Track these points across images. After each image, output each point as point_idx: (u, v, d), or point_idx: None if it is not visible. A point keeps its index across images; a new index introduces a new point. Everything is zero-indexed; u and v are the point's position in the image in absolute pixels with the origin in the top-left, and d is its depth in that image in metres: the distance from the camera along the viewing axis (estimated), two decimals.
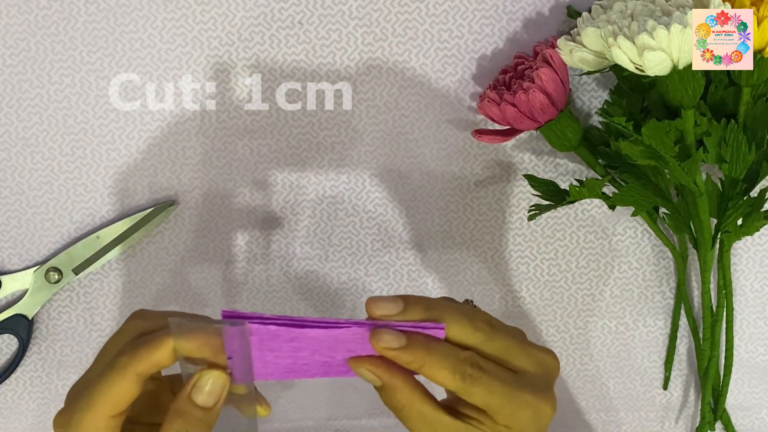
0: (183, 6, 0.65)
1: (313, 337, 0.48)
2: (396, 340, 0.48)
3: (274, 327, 0.47)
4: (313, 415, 0.71)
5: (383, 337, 0.48)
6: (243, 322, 0.47)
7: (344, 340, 0.48)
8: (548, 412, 0.50)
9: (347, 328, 0.48)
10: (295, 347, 0.49)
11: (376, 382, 0.50)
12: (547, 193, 0.64)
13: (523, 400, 0.49)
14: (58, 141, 0.66)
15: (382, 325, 0.48)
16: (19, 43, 0.64)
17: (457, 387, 0.48)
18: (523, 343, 0.51)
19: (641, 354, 0.71)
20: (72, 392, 0.50)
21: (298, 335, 0.48)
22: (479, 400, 0.49)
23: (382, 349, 0.48)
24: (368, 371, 0.49)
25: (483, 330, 0.50)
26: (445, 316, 0.49)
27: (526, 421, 0.49)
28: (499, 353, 0.50)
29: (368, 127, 0.67)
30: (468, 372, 0.48)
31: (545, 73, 0.60)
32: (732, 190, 0.62)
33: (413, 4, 0.65)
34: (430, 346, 0.48)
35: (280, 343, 0.48)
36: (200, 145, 0.66)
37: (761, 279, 0.70)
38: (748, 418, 0.72)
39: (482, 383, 0.48)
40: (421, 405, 0.49)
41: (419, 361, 0.48)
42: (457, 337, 0.49)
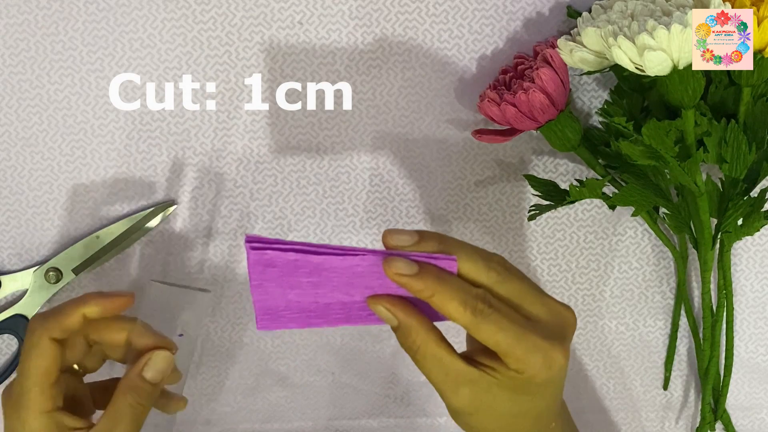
0: (183, 6, 0.65)
1: (331, 270, 0.49)
2: (408, 267, 0.48)
3: (293, 255, 0.48)
4: (313, 415, 0.71)
5: (396, 264, 0.48)
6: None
7: (361, 273, 0.49)
8: (560, 360, 0.50)
9: (363, 257, 0.48)
10: (314, 282, 0.50)
11: (393, 321, 0.50)
12: (547, 193, 0.64)
13: (533, 343, 0.49)
14: (58, 141, 0.66)
15: (397, 254, 0.49)
16: (19, 43, 0.64)
17: (467, 321, 0.49)
18: (539, 291, 0.52)
19: (641, 354, 0.71)
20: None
21: (316, 266, 0.49)
22: (488, 338, 0.49)
23: (394, 275, 0.48)
24: (385, 309, 0.50)
25: (497, 270, 0.50)
26: (459, 251, 0.50)
27: (538, 366, 0.49)
28: (512, 296, 0.50)
29: (368, 127, 0.67)
30: (479, 307, 0.49)
31: (545, 73, 0.60)
32: (732, 190, 0.62)
33: (413, 4, 0.65)
34: (442, 277, 0.49)
35: (300, 277, 0.49)
36: (200, 145, 0.66)
37: (761, 279, 0.70)
38: (749, 419, 0.72)
39: (492, 320, 0.49)
40: (435, 348, 0.50)
41: (430, 290, 0.48)
42: (469, 274, 0.50)
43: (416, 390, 0.71)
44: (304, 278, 0.50)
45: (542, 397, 0.52)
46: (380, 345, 0.70)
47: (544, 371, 0.49)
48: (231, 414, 0.71)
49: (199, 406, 0.70)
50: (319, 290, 0.50)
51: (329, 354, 0.70)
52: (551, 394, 0.52)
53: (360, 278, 0.50)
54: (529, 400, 0.51)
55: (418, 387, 0.71)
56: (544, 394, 0.52)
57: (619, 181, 0.64)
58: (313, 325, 0.53)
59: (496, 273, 0.50)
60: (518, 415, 0.52)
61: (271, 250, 0.48)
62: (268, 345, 0.70)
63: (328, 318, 0.52)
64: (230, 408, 0.71)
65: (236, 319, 0.69)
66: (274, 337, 0.69)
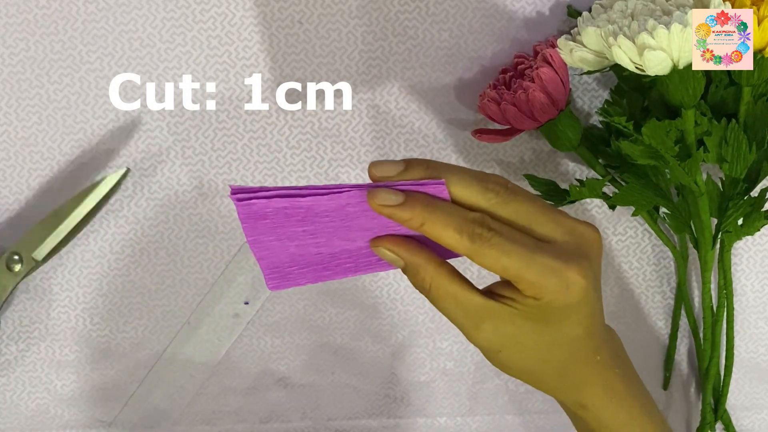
0: (183, 6, 0.65)
1: (323, 214, 0.47)
2: (393, 196, 0.45)
3: (281, 201, 0.46)
4: (313, 415, 0.71)
5: (379, 195, 0.45)
6: None
7: (355, 214, 0.47)
8: (578, 280, 0.46)
9: (349, 193, 0.46)
10: (310, 231, 0.48)
11: (398, 262, 0.48)
12: (547, 193, 0.64)
13: (545, 264, 0.46)
14: (58, 141, 0.66)
15: (382, 185, 0.46)
16: (19, 43, 0.64)
17: (467, 249, 0.45)
18: (550, 210, 0.48)
19: (641, 354, 0.71)
20: None
21: (307, 211, 0.46)
22: (494, 264, 0.46)
23: (378, 207, 0.45)
24: (388, 251, 0.48)
25: (496, 191, 0.47)
26: (450, 174, 0.46)
27: (554, 289, 0.46)
28: (517, 218, 0.47)
29: (368, 127, 0.67)
30: (477, 231, 0.45)
31: (545, 73, 0.60)
32: (732, 190, 0.61)
33: (413, 4, 0.65)
34: (432, 204, 0.45)
35: (294, 226, 0.47)
36: (200, 145, 0.66)
37: (762, 279, 0.70)
38: (749, 419, 0.72)
39: (494, 245, 0.45)
40: (448, 284, 0.47)
41: (419, 218, 0.45)
42: (465, 198, 0.46)
43: (416, 390, 0.71)
44: (299, 227, 0.48)
45: (570, 325, 0.48)
46: (380, 345, 0.70)
47: (562, 294, 0.46)
48: (231, 414, 0.71)
49: (199, 406, 0.70)
50: (318, 239, 0.48)
51: (329, 354, 0.70)
52: (580, 321, 0.48)
53: (355, 220, 0.47)
54: (555, 329, 0.48)
55: (418, 387, 0.71)
56: (571, 321, 0.48)
57: (619, 181, 0.64)
58: (324, 278, 0.51)
59: (495, 194, 0.46)
60: (549, 347, 0.49)
61: (257, 198, 0.46)
62: (268, 345, 0.70)
63: (336, 269, 0.50)
64: (230, 408, 0.71)
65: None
66: (274, 337, 0.69)
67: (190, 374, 0.70)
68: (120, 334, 0.69)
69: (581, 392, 0.52)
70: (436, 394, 0.71)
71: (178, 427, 0.70)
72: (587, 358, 0.51)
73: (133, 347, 0.69)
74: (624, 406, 0.52)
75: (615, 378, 0.52)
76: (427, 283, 0.48)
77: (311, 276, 0.51)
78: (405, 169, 0.46)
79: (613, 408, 0.52)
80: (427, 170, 0.46)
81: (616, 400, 0.52)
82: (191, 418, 0.71)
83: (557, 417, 0.71)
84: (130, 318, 0.68)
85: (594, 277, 0.48)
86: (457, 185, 0.46)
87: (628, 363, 0.54)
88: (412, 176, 0.46)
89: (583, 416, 0.53)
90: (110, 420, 0.70)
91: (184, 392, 0.70)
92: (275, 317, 0.69)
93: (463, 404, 0.71)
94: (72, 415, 0.70)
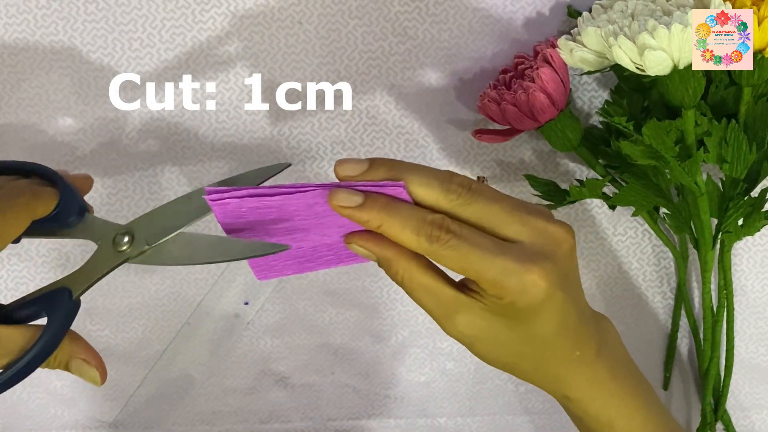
0: (183, 6, 0.65)
1: (294, 212, 0.48)
2: (351, 197, 0.46)
3: (253, 201, 0.47)
4: (313, 415, 0.71)
5: (338, 195, 0.46)
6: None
7: (324, 212, 0.48)
8: (537, 282, 0.47)
9: (313, 192, 0.47)
10: (286, 228, 0.49)
11: (371, 256, 0.49)
12: (547, 193, 0.64)
13: (504, 266, 0.46)
14: (58, 141, 0.66)
15: (344, 185, 0.47)
16: (18, 43, 0.64)
17: (425, 250, 0.47)
18: (517, 209, 0.48)
19: (641, 354, 0.71)
20: None
21: (278, 209, 0.47)
22: (453, 265, 0.47)
23: (337, 208, 0.46)
24: (359, 246, 0.49)
25: (457, 192, 0.47)
26: (411, 175, 0.47)
27: (514, 291, 0.47)
28: (481, 219, 0.47)
29: (368, 127, 0.67)
30: (434, 234, 0.46)
31: (545, 73, 0.60)
32: (733, 190, 0.61)
33: (413, 4, 0.65)
34: (391, 205, 0.46)
35: (269, 224, 0.49)
36: (200, 145, 0.66)
37: (762, 279, 0.70)
38: (749, 419, 0.72)
39: (452, 246, 0.46)
40: (421, 276, 0.48)
41: (377, 220, 0.46)
42: (425, 199, 0.47)
43: (416, 390, 0.71)
44: (273, 225, 0.49)
45: (540, 325, 0.49)
46: (380, 345, 0.70)
47: (522, 296, 0.47)
48: (231, 414, 0.71)
49: (199, 406, 0.70)
50: (294, 235, 0.49)
51: (329, 354, 0.70)
52: (549, 321, 0.49)
53: (326, 217, 0.48)
54: (525, 327, 0.49)
55: (418, 387, 0.71)
56: (539, 320, 0.48)
57: (619, 181, 0.64)
58: (307, 269, 0.52)
59: (457, 195, 0.47)
60: (522, 343, 0.49)
61: (230, 198, 0.47)
62: (268, 345, 0.70)
63: (318, 261, 0.51)
64: (230, 408, 0.71)
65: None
66: (274, 337, 0.69)
67: (190, 374, 0.70)
68: (120, 334, 0.69)
69: (563, 385, 0.52)
70: (436, 394, 0.71)
71: (178, 427, 0.70)
72: (564, 355, 0.51)
73: (133, 347, 0.69)
74: (614, 400, 0.52)
75: (601, 370, 0.52)
76: (399, 275, 0.49)
77: (295, 267, 0.52)
78: (368, 168, 0.47)
79: (601, 401, 0.52)
80: (391, 170, 0.47)
81: (602, 391, 0.52)
82: (191, 418, 0.71)
83: (558, 417, 0.71)
84: (130, 318, 0.68)
85: (559, 279, 0.48)
86: (418, 186, 0.47)
87: (622, 354, 0.54)
88: (376, 176, 0.47)
89: (569, 407, 0.54)
90: (110, 420, 0.70)
91: (184, 392, 0.70)
92: (275, 317, 0.69)
93: (463, 404, 0.71)
94: (72, 415, 0.70)
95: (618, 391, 0.52)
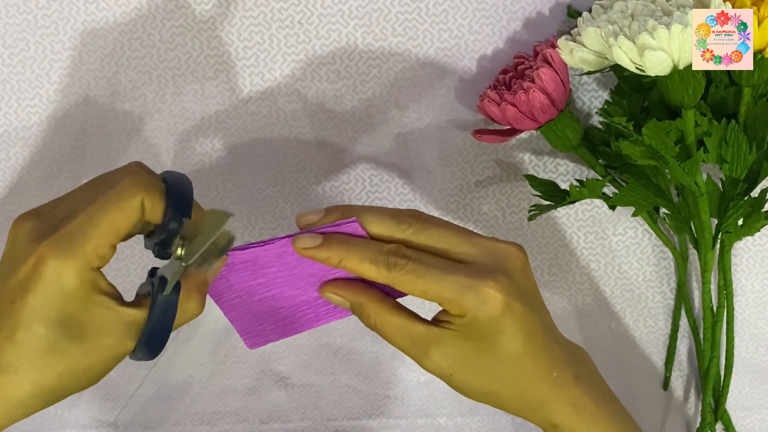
0: (183, 6, 0.65)
1: (266, 265, 0.51)
2: (312, 239, 0.50)
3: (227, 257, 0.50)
4: (313, 415, 0.71)
5: (300, 240, 0.50)
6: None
7: (294, 262, 0.51)
8: (493, 294, 0.49)
9: (280, 241, 0.50)
10: (262, 284, 0.52)
11: (344, 303, 0.52)
12: (547, 193, 0.64)
13: (459, 282, 0.49)
14: (58, 141, 0.66)
15: (302, 232, 0.51)
16: (18, 43, 0.64)
17: (385, 277, 0.50)
18: (465, 233, 0.51)
19: (641, 354, 0.71)
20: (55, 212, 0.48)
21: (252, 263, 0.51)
22: (413, 289, 0.50)
23: (300, 251, 0.50)
24: (333, 294, 0.52)
25: (408, 223, 0.51)
26: (364, 213, 0.51)
27: (473, 305, 0.49)
28: (434, 243, 0.51)
29: (368, 127, 0.67)
30: (391, 261, 0.49)
31: (545, 73, 0.60)
32: (733, 191, 0.61)
33: (413, 4, 0.65)
34: (348, 241, 0.50)
35: (247, 281, 0.52)
36: (200, 145, 0.66)
37: (762, 279, 0.70)
38: (749, 419, 0.72)
39: (409, 270, 0.49)
40: (390, 317, 0.51)
41: (337, 256, 0.50)
42: (381, 233, 0.51)
43: (416, 390, 0.71)
44: (251, 280, 0.52)
45: (507, 341, 0.50)
46: (380, 345, 0.70)
47: (481, 308, 0.49)
48: (231, 414, 0.71)
49: (199, 406, 0.70)
50: (272, 290, 0.52)
51: (329, 354, 0.70)
52: (514, 336, 0.50)
53: (297, 267, 0.51)
54: (495, 347, 0.50)
55: (418, 387, 0.71)
56: (505, 336, 0.50)
57: (619, 181, 0.64)
58: (291, 332, 0.55)
59: (408, 225, 0.51)
60: (497, 366, 0.51)
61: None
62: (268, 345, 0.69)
63: (301, 321, 0.54)
64: (230, 408, 0.71)
65: None
66: None
67: (190, 374, 0.70)
68: None
69: (547, 411, 0.53)
70: (436, 394, 0.71)
71: (178, 427, 0.70)
72: (540, 375, 0.52)
73: None
74: (598, 425, 0.53)
75: (582, 396, 0.53)
76: (372, 318, 0.51)
77: (281, 331, 0.55)
78: (325, 215, 0.51)
79: (585, 427, 0.53)
80: (344, 213, 0.51)
81: (586, 418, 0.53)
82: (191, 418, 0.71)
83: None
84: None
85: (516, 291, 0.50)
86: (372, 223, 0.51)
87: (601, 383, 0.55)
88: (331, 220, 0.51)
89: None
90: (110, 420, 0.70)
91: (184, 392, 0.70)
92: None
93: (463, 404, 0.71)
94: (72, 415, 0.70)
95: (603, 418, 0.53)
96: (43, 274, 0.45)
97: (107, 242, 0.47)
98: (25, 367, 0.46)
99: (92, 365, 0.48)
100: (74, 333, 0.47)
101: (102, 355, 0.48)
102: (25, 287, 0.46)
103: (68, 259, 0.46)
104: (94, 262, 0.46)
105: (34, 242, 0.46)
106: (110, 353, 0.48)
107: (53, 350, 0.46)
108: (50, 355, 0.46)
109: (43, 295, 0.46)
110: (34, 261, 0.46)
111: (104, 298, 0.47)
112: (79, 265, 0.46)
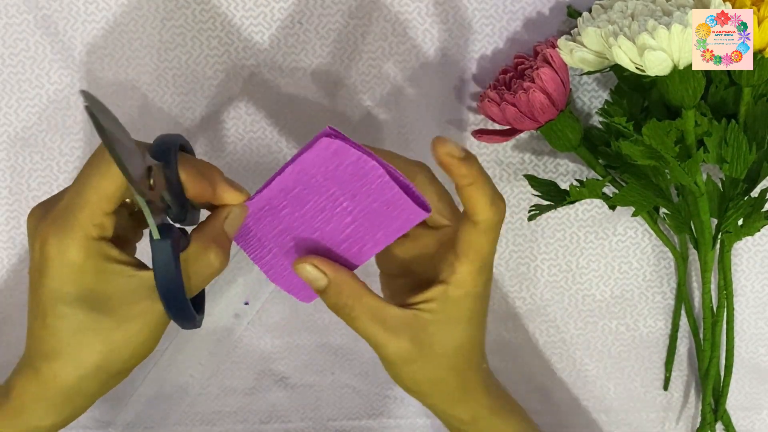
0: (183, 6, 0.65)
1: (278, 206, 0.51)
2: (458, 149, 0.48)
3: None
4: (313, 415, 0.71)
5: (449, 144, 0.48)
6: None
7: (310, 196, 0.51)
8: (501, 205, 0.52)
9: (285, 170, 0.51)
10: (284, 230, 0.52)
11: (321, 280, 0.51)
12: (547, 193, 0.64)
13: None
14: (58, 141, 0.66)
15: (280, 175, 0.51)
16: (18, 43, 0.64)
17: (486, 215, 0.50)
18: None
19: (641, 354, 0.71)
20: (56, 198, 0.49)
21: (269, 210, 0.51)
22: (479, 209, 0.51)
23: (443, 155, 0.48)
24: (313, 267, 0.51)
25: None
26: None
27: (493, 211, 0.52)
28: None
29: (368, 127, 0.67)
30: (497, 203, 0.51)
31: (545, 73, 0.60)
32: (733, 191, 0.61)
33: (413, 4, 0.65)
34: (483, 168, 0.50)
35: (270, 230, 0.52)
36: (200, 145, 0.66)
37: (762, 279, 0.70)
38: (749, 419, 0.72)
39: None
40: (370, 300, 0.51)
41: (471, 177, 0.49)
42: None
43: None
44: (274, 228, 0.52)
45: (473, 320, 0.52)
46: None
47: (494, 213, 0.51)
48: (231, 414, 0.71)
49: (199, 406, 0.70)
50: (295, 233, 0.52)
51: (329, 354, 0.70)
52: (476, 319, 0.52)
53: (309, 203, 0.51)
54: (462, 328, 0.52)
55: None
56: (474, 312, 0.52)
57: (619, 181, 0.64)
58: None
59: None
60: (456, 353, 0.52)
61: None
62: (268, 345, 0.70)
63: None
64: (230, 408, 0.71)
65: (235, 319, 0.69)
66: (274, 337, 0.69)
67: (190, 374, 0.70)
68: None
69: (476, 402, 0.55)
70: None
71: (178, 427, 0.70)
72: (479, 364, 0.54)
73: None
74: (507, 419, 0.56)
75: (498, 389, 0.56)
76: (350, 300, 0.51)
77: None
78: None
79: (498, 421, 0.56)
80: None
81: (497, 411, 0.56)
82: (191, 418, 0.71)
83: (554, 417, 0.71)
84: None
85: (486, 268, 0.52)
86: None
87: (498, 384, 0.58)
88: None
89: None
90: (110, 420, 0.70)
91: (184, 392, 0.70)
92: (275, 317, 0.69)
93: None
94: None
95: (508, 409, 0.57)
96: (49, 254, 0.46)
97: (99, 209, 0.46)
98: (65, 349, 0.46)
99: (129, 336, 0.47)
100: (99, 306, 0.46)
101: (136, 324, 0.47)
102: (40, 271, 0.46)
103: (66, 233, 0.46)
104: (93, 232, 0.46)
105: (37, 227, 0.47)
106: (143, 320, 0.47)
107: (84, 328, 0.46)
108: (82, 333, 0.46)
109: (56, 275, 0.46)
110: (40, 244, 0.47)
111: (120, 266, 0.47)
112: (78, 236, 0.46)
